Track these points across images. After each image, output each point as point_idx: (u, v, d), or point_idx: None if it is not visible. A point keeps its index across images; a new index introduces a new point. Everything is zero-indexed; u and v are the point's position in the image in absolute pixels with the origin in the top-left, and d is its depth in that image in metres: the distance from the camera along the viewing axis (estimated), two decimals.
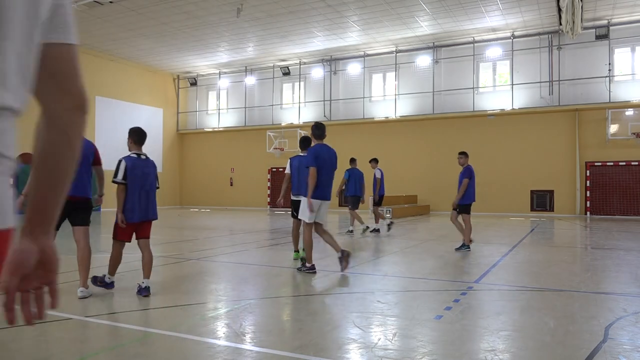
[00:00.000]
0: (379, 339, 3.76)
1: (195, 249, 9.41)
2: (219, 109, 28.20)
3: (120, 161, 5.31)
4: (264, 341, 3.77)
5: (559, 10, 16.05)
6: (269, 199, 26.07)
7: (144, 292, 5.21)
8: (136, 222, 5.30)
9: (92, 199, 5.50)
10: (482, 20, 19.31)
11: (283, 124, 25.82)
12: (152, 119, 27.08)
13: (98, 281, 5.44)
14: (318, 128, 7.00)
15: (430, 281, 6.19)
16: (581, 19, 16.12)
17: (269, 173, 26.19)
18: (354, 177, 11.88)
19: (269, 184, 26.15)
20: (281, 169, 25.37)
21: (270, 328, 4.13)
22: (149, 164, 5.47)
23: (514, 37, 20.88)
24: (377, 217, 12.90)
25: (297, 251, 7.89)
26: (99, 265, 6.45)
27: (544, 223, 16.48)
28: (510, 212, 20.88)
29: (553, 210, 20.46)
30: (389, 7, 17.83)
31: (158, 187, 5.61)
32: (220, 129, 27.81)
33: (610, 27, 19.35)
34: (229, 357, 3.40)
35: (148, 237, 5.46)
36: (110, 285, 5.44)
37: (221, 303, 5.05)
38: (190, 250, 9.22)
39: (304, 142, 8.04)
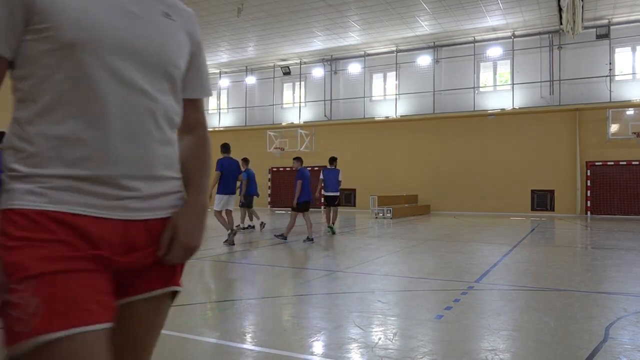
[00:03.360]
0: (380, 339, 3.76)
1: None
2: (219, 109, 28.22)
3: None
4: (264, 341, 3.77)
5: (560, 9, 16.04)
6: (269, 199, 26.08)
7: None
8: None
9: None
10: (483, 20, 19.31)
11: (283, 124, 25.83)
12: None
13: None
14: (224, 146, 10.12)
15: (431, 281, 6.19)
16: (582, 18, 16.12)
17: (269, 173, 26.16)
18: (250, 177, 13.04)
19: (269, 183, 26.08)
20: (282, 169, 25.47)
21: (270, 328, 4.13)
22: None
23: (515, 36, 20.88)
24: (244, 217, 13.88)
25: (329, 226, 11.86)
26: None
27: (545, 223, 16.48)
28: (510, 212, 20.88)
29: (553, 210, 20.46)
30: (389, 6, 17.83)
31: None
32: (221, 129, 27.82)
33: (611, 27, 19.35)
34: (229, 357, 3.40)
35: None
36: None
37: (221, 303, 5.05)
38: None
39: (332, 159, 12.19)
